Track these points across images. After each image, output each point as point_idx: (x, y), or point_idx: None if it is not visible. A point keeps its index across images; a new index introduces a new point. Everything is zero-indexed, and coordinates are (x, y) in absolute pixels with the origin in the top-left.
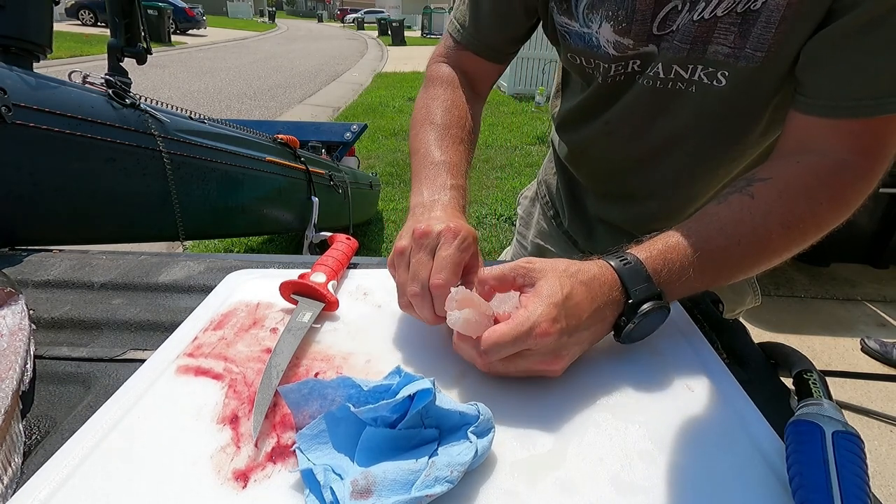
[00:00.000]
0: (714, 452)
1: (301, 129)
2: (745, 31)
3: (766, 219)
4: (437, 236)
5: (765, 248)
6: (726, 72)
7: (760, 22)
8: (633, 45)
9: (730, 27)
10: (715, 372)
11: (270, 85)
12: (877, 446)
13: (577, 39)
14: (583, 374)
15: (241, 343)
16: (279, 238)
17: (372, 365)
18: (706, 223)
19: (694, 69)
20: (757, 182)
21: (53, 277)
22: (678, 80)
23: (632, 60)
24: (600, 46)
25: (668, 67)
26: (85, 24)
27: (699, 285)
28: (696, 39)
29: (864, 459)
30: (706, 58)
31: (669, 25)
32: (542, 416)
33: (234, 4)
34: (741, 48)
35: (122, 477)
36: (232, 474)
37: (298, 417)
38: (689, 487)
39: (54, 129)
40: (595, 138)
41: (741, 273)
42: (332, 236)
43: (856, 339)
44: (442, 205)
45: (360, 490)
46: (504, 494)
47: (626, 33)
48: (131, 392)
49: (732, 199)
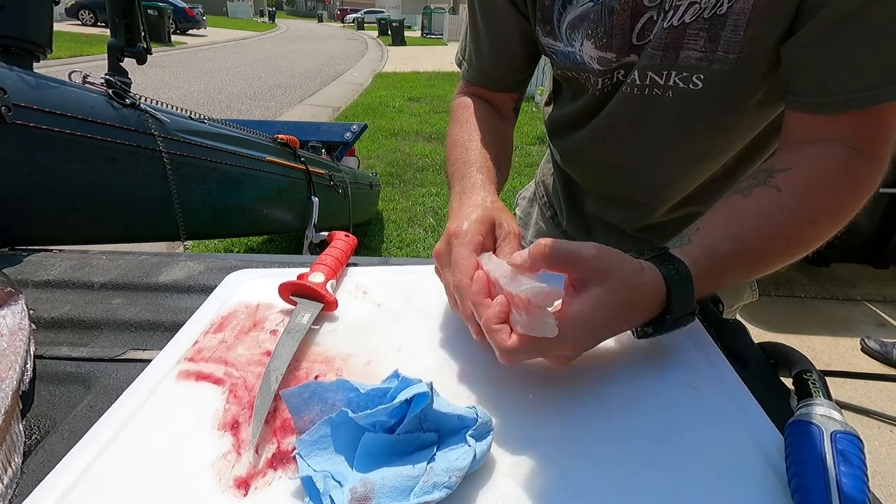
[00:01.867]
0: (715, 451)
1: (301, 129)
2: (715, 35)
3: (795, 215)
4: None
5: (794, 244)
6: (702, 75)
7: (729, 26)
8: (615, 57)
9: (699, 32)
10: (717, 369)
11: (270, 85)
12: (877, 446)
13: (563, 58)
14: (583, 373)
15: (241, 346)
16: (279, 238)
17: (371, 366)
18: (739, 223)
19: (668, 74)
20: (778, 173)
21: (53, 277)
22: (654, 86)
23: (616, 71)
24: (585, 63)
25: (644, 74)
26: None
27: (725, 285)
28: (668, 46)
29: (863, 459)
30: (679, 63)
31: (647, 35)
32: (541, 418)
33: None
34: (713, 52)
35: (125, 486)
36: (233, 482)
37: (299, 422)
38: (689, 486)
39: (54, 129)
40: (583, 145)
41: (769, 269)
42: (331, 234)
43: (856, 339)
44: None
45: (358, 497)
46: (503, 497)
47: (608, 48)
48: (133, 398)
49: (759, 193)
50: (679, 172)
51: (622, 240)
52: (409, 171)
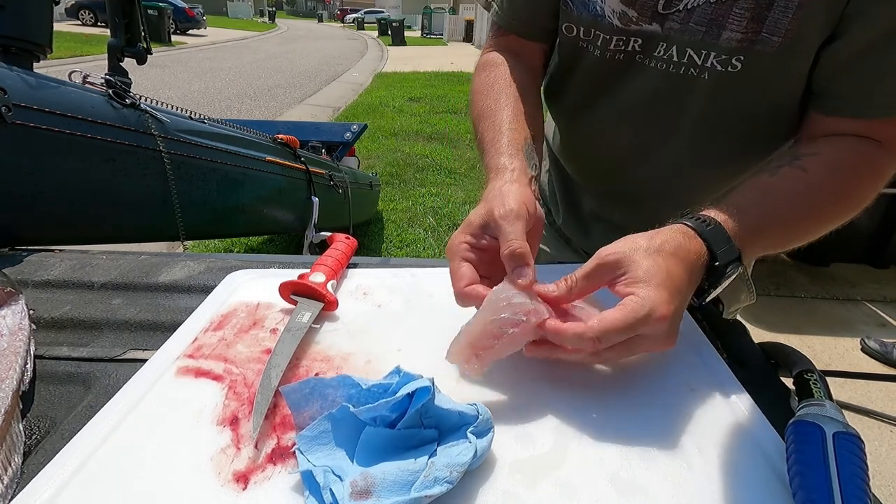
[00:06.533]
0: (715, 452)
1: (301, 129)
2: (760, 16)
3: (820, 194)
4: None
5: (816, 220)
6: (742, 56)
7: (778, 6)
8: (636, 18)
9: (745, 12)
10: (717, 371)
11: (270, 85)
12: (877, 446)
13: (580, 7)
14: (584, 374)
15: (241, 344)
16: (279, 238)
17: (372, 365)
18: (765, 192)
19: (707, 55)
20: (805, 157)
21: (53, 277)
22: (691, 65)
23: (633, 38)
24: (603, 17)
25: (683, 51)
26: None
27: (760, 251)
28: (713, 23)
29: (864, 460)
30: (720, 44)
31: (675, 5)
32: (541, 416)
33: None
34: (757, 32)
35: (123, 480)
36: (232, 476)
37: (299, 418)
38: (689, 487)
39: (54, 129)
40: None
41: (792, 243)
42: (332, 236)
43: (856, 339)
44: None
45: (359, 491)
46: (503, 495)
47: (632, 4)
48: (132, 394)
49: (785, 172)
50: (686, 167)
51: None
52: (409, 171)
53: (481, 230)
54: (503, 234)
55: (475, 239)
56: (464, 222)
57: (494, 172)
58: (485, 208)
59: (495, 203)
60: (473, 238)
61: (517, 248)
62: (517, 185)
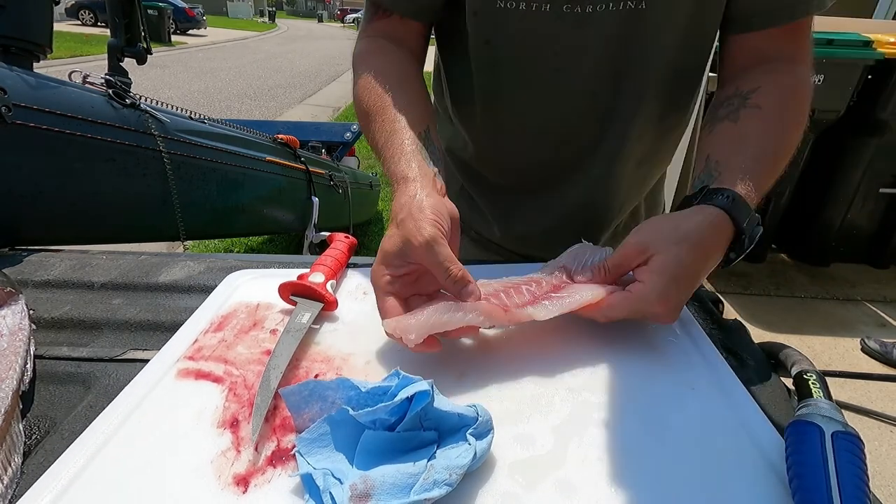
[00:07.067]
0: (715, 451)
1: (301, 129)
2: None
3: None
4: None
5: (786, 152)
6: None
7: None
8: None
9: None
10: (717, 370)
11: (270, 85)
12: (877, 446)
13: None
14: (583, 373)
15: (241, 345)
16: (279, 238)
17: (371, 366)
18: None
19: None
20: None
21: (53, 277)
22: None
23: None
24: None
25: None
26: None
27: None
28: None
29: (863, 460)
30: None
31: None
32: (541, 417)
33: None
34: None
35: (124, 483)
36: (232, 479)
37: (298, 420)
38: (689, 487)
39: (54, 129)
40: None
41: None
42: (331, 235)
43: (856, 339)
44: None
45: (358, 494)
46: (503, 496)
47: None
48: (132, 396)
49: (746, 115)
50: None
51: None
52: None
53: (400, 259)
54: (432, 265)
55: (395, 269)
56: (380, 251)
57: (398, 183)
58: (399, 237)
59: (411, 232)
60: (393, 269)
61: (455, 274)
62: (424, 195)
